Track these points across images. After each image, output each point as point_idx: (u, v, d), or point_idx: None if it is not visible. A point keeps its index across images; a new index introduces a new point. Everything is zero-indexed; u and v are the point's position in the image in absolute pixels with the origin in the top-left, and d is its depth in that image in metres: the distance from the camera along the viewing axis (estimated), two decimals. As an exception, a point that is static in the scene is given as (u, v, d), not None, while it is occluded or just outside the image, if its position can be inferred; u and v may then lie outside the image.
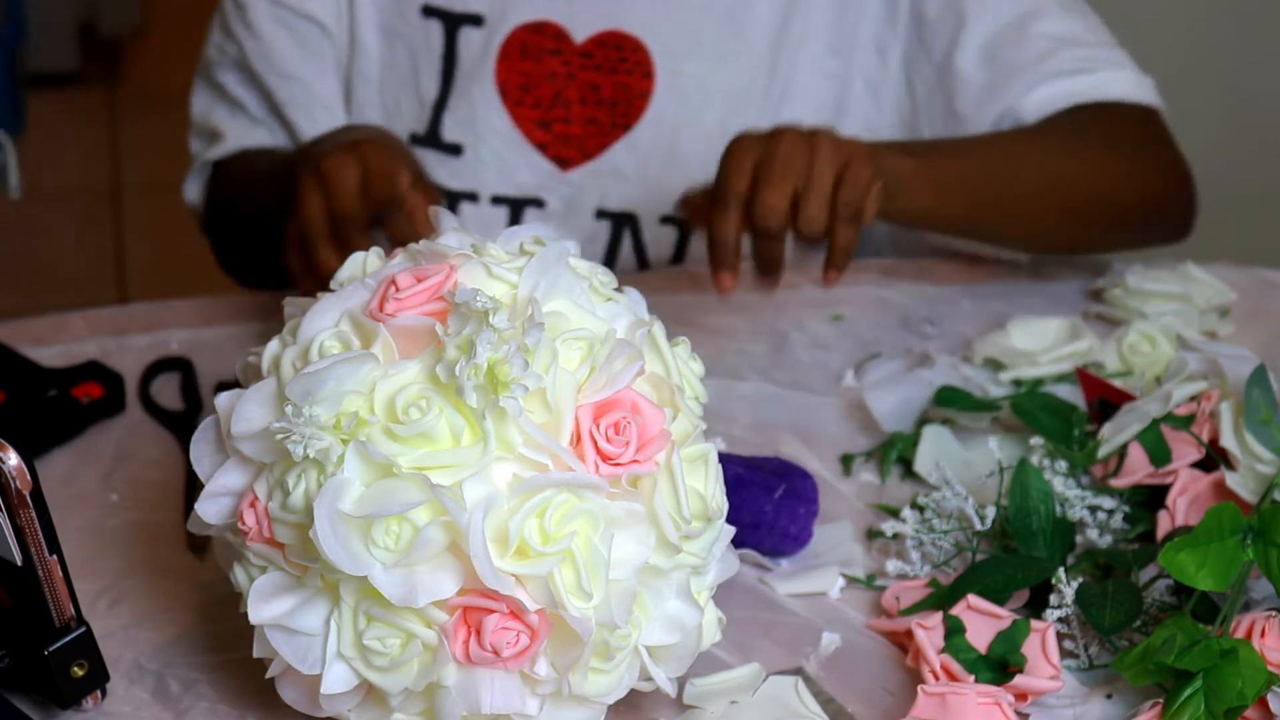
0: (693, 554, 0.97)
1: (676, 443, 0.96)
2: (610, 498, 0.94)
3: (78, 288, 3.07)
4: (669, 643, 0.98)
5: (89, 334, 1.40)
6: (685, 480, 0.95)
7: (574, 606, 0.93)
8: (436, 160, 1.52)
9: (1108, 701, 1.05)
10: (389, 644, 0.93)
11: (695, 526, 0.97)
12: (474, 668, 0.94)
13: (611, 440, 0.94)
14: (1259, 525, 1.03)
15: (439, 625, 0.93)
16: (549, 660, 0.95)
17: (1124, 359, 1.33)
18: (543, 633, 0.93)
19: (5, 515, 0.98)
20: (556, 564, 0.92)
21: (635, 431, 0.95)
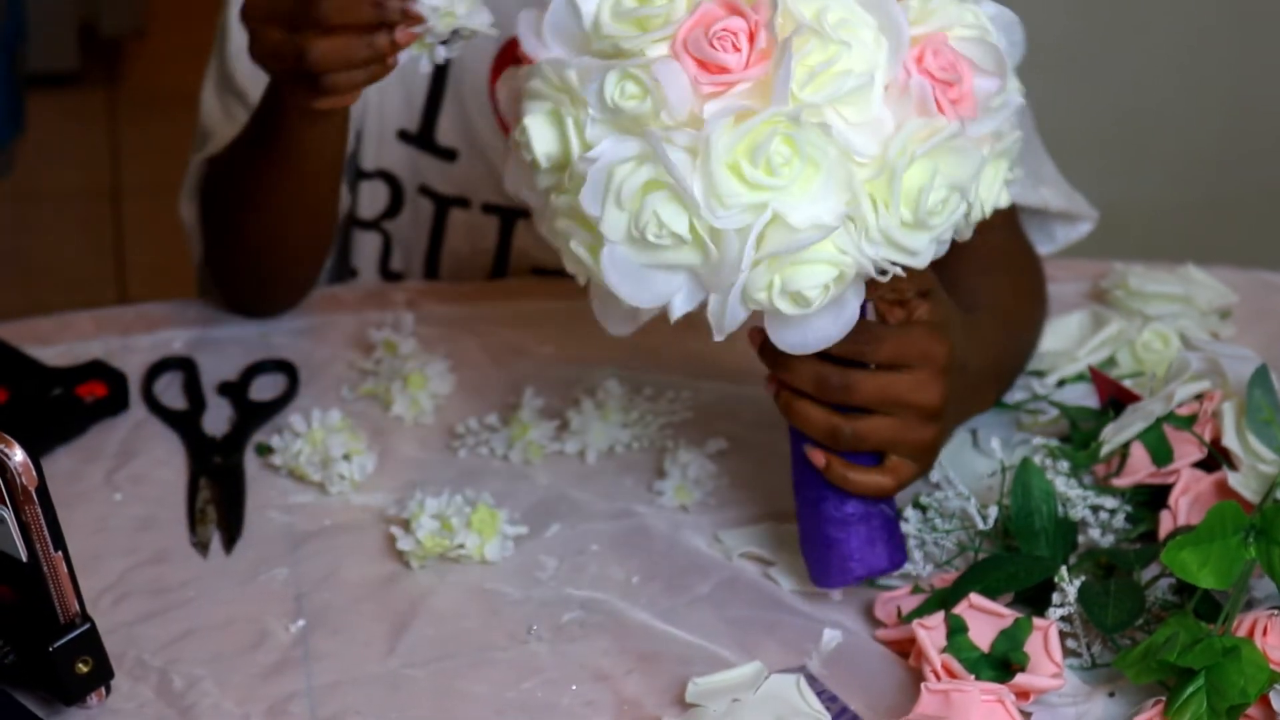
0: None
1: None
2: None
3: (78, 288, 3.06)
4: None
5: (93, 334, 1.40)
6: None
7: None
8: (430, 163, 1.51)
9: (1110, 700, 1.05)
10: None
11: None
12: None
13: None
14: (1261, 524, 1.03)
15: None
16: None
17: (1137, 358, 1.34)
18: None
19: (10, 511, 0.98)
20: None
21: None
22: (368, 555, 1.19)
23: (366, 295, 1.47)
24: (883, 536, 1.11)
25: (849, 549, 1.11)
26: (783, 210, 0.98)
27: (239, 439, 1.29)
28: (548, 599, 1.15)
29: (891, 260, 1.01)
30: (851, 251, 1.00)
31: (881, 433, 1.10)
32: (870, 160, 0.99)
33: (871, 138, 1.00)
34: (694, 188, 0.98)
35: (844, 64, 0.99)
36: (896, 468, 1.11)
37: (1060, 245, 1.46)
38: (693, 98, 0.98)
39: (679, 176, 0.97)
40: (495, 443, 1.28)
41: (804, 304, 1.01)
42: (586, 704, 1.07)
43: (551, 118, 1.02)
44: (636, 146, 0.99)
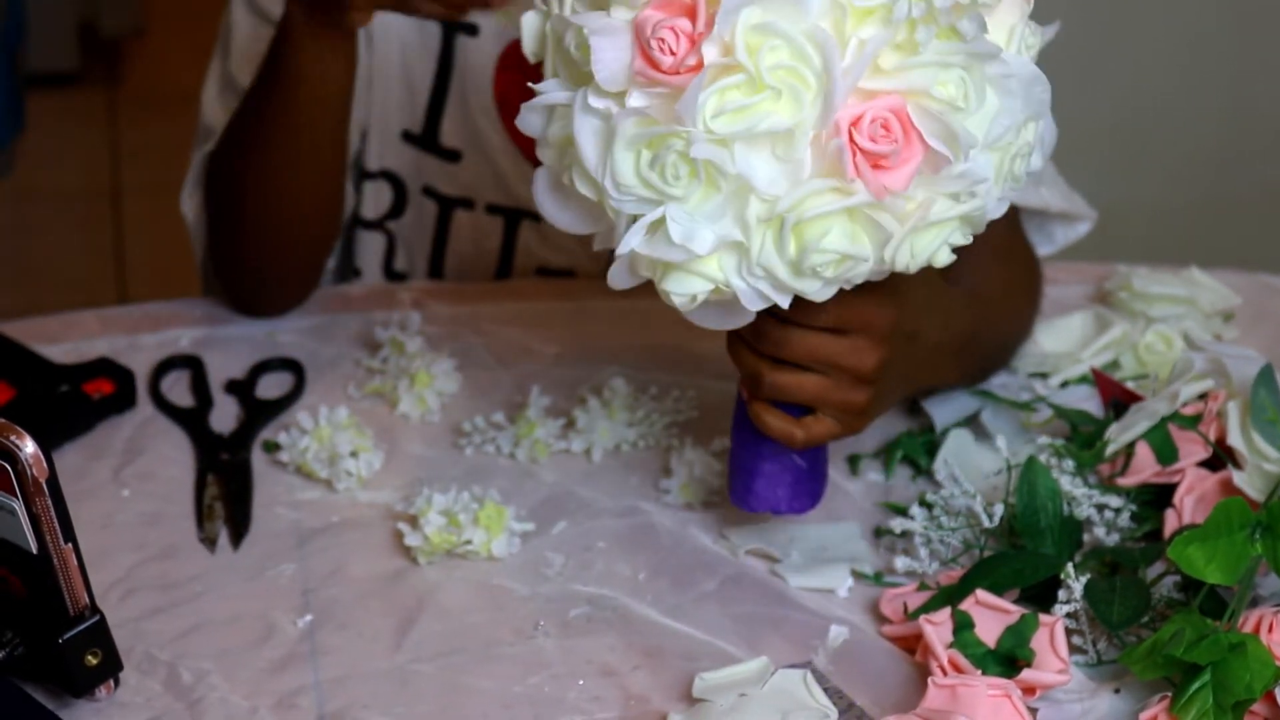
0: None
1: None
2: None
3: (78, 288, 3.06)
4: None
5: (99, 332, 1.41)
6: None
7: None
8: (434, 164, 1.52)
9: (1116, 696, 1.06)
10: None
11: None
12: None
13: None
14: (1267, 520, 1.04)
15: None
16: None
17: (1140, 360, 1.35)
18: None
19: (21, 503, 0.98)
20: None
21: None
22: (375, 551, 1.19)
23: (372, 295, 1.47)
24: (787, 481, 1.13)
25: (755, 481, 1.14)
26: (672, 216, 0.98)
27: (246, 436, 1.29)
28: (554, 595, 1.16)
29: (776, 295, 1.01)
30: (730, 276, 1.00)
31: (805, 390, 1.10)
32: (770, 197, 0.97)
33: (785, 178, 0.97)
34: (592, 158, 0.98)
35: (767, 107, 0.96)
36: (812, 424, 1.11)
37: (1059, 246, 1.47)
38: (627, 73, 0.97)
39: (583, 151, 0.98)
40: (502, 441, 1.29)
41: (672, 303, 1.01)
42: (593, 699, 1.08)
43: (543, 18, 1.03)
44: (568, 98, 0.99)
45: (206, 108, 1.48)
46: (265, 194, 1.35)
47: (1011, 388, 1.33)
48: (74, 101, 3.73)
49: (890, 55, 0.96)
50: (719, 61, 0.95)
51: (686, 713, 1.05)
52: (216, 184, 1.40)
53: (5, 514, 0.99)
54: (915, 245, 1.00)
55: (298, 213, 1.37)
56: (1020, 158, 1.02)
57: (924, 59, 0.96)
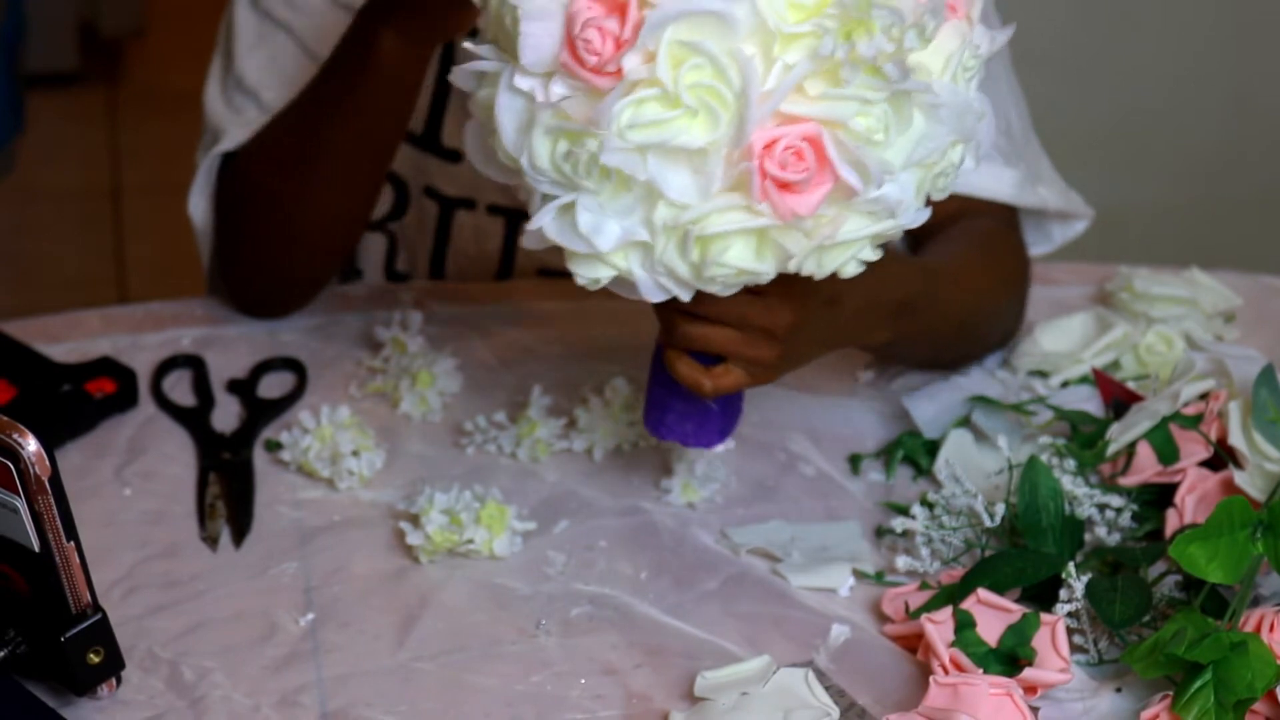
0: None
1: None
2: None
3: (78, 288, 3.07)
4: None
5: (101, 331, 1.41)
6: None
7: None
8: (435, 165, 1.52)
9: (1117, 695, 1.06)
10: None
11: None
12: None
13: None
14: (1269, 520, 1.04)
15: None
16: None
17: (1141, 360, 1.35)
18: None
19: (23, 501, 0.99)
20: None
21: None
22: (377, 550, 1.20)
23: (374, 294, 1.48)
24: (695, 418, 1.15)
25: (667, 415, 1.16)
26: (582, 205, 0.99)
27: (248, 435, 1.29)
28: (556, 594, 1.16)
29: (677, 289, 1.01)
30: (634, 268, 1.00)
31: (714, 342, 1.11)
32: (678, 205, 0.98)
33: (696, 189, 0.97)
34: (510, 138, 0.99)
35: (683, 123, 0.96)
36: (721, 375, 1.12)
37: (1057, 244, 1.47)
38: (553, 58, 0.97)
39: (502, 129, 0.98)
40: (503, 440, 1.29)
41: (576, 281, 1.02)
42: (595, 698, 1.08)
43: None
44: (495, 67, 0.99)
45: (210, 108, 1.47)
46: (304, 206, 1.35)
47: (1011, 387, 1.33)
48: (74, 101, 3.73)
49: (816, 81, 0.96)
50: (639, 75, 0.95)
51: (688, 711, 1.05)
52: (241, 190, 1.40)
53: (8, 512, 0.99)
54: (823, 259, 1.01)
55: (333, 224, 1.37)
56: (944, 175, 1.02)
57: (847, 92, 0.96)
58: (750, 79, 0.94)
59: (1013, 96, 1.46)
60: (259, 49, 1.45)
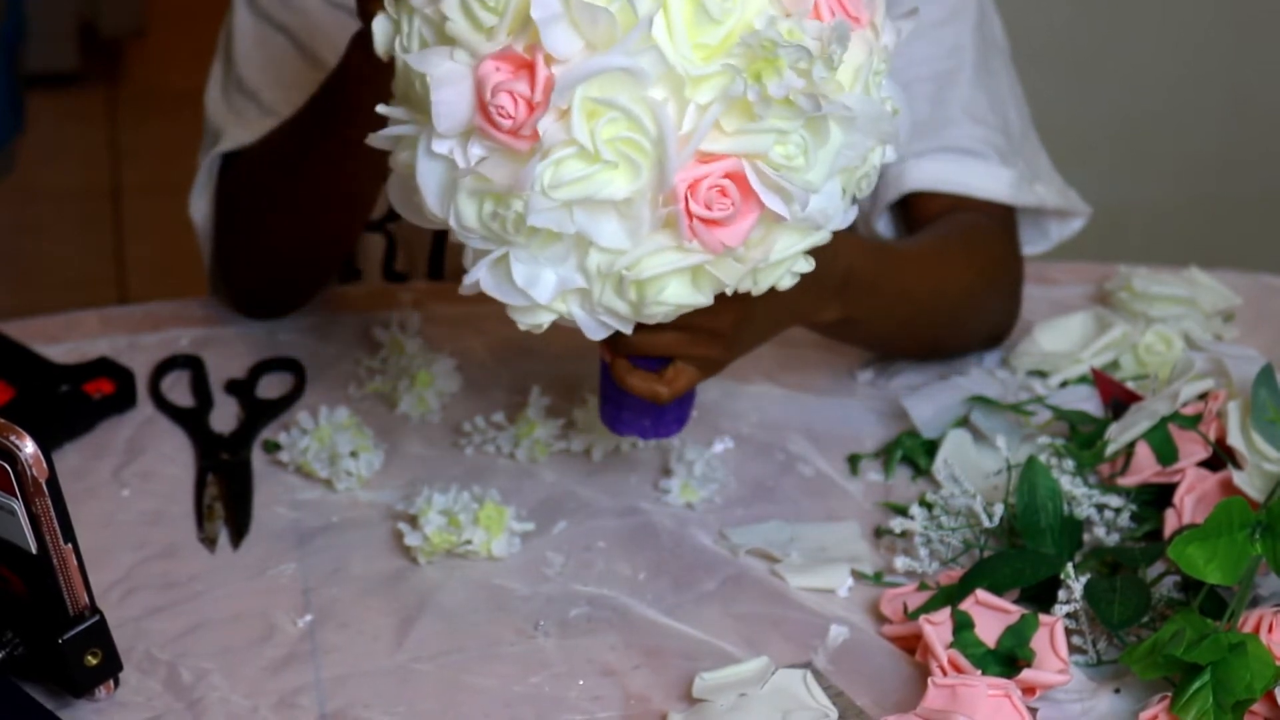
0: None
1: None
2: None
3: (78, 288, 3.07)
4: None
5: (100, 332, 1.41)
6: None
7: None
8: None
9: (1116, 696, 1.06)
10: None
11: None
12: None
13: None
14: (1267, 520, 1.04)
15: None
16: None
17: (1140, 360, 1.35)
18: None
19: (21, 503, 0.98)
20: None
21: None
22: (375, 551, 1.20)
23: (373, 295, 1.48)
24: (653, 412, 1.16)
25: (623, 411, 1.16)
26: (513, 258, 0.99)
27: (246, 436, 1.29)
28: (555, 595, 1.16)
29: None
30: (573, 309, 1.01)
31: (661, 346, 1.11)
32: (611, 251, 0.98)
33: (625, 233, 0.97)
34: (434, 202, 0.98)
35: (605, 176, 0.96)
36: (675, 379, 1.13)
37: (1054, 242, 1.47)
38: (467, 121, 0.96)
39: (425, 193, 0.98)
40: (502, 440, 1.29)
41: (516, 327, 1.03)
42: (593, 699, 1.08)
43: (393, 28, 1.01)
44: (413, 130, 0.99)
45: (211, 110, 1.48)
46: (297, 213, 1.35)
47: (1010, 387, 1.33)
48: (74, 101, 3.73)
49: (730, 117, 0.96)
50: (556, 136, 0.94)
51: (687, 712, 1.05)
52: (240, 192, 1.40)
53: (5, 514, 0.99)
54: (758, 279, 1.02)
55: (326, 231, 1.37)
56: (866, 176, 1.03)
57: (762, 126, 0.96)
58: (666, 126, 0.94)
59: (1012, 94, 1.46)
60: (258, 51, 1.45)
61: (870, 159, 1.02)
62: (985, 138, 1.39)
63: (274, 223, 1.37)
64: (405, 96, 1.00)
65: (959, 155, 1.38)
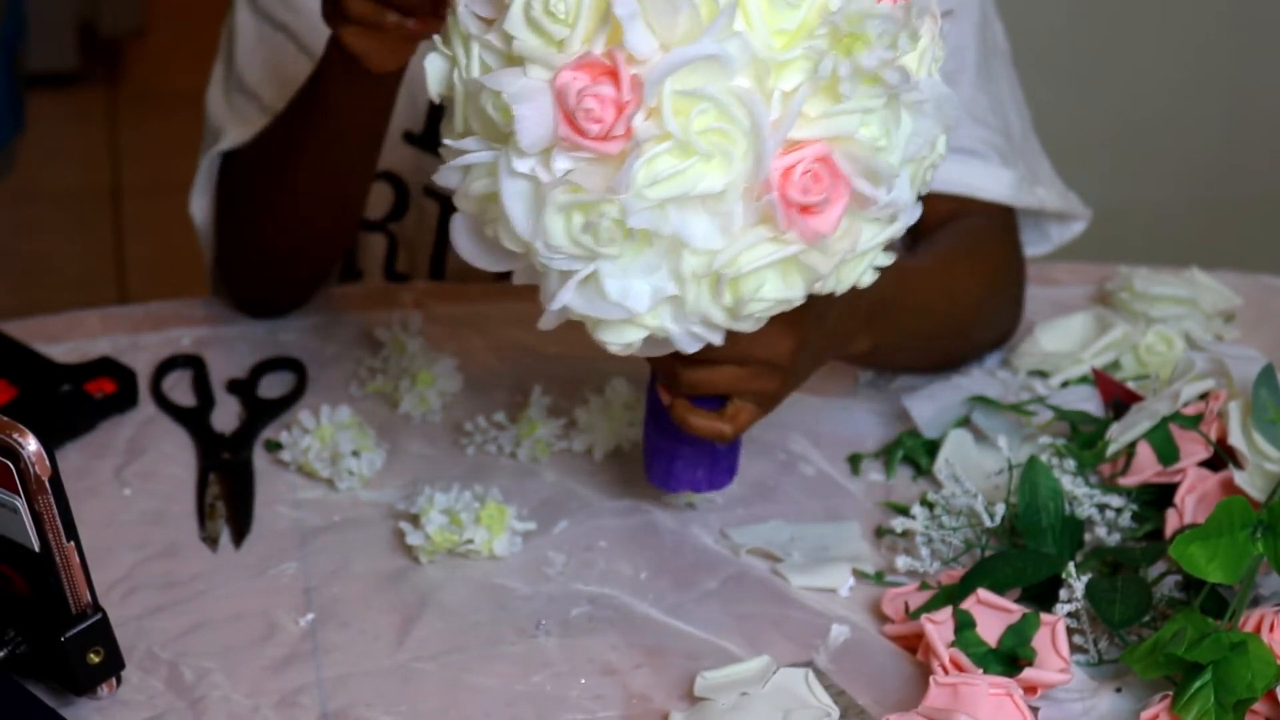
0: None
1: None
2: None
3: (78, 288, 3.07)
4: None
5: (101, 332, 1.41)
6: None
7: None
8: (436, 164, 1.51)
9: (1117, 695, 1.06)
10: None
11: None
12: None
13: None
14: (1268, 520, 1.04)
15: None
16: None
17: (1141, 360, 1.35)
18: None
19: (23, 501, 0.99)
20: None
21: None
22: (377, 550, 1.20)
23: (374, 295, 1.48)
24: (706, 463, 1.15)
25: (675, 464, 1.15)
26: (604, 273, 0.98)
27: (248, 435, 1.29)
28: (556, 594, 1.16)
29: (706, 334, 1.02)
30: (666, 324, 1.00)
31: (722, 382, 1.11)
32: (705, 252, 0.97)
33: (717, 230, 0.97)
34: (521, 223, 0.97)
35: (699, 169, 0.95)
36: (736, 414, 1.12)
37: (1055, 245, 1.47)
38: (551, 135, 0.96)
39: (511, 215, 0.97)
40: (503, 440, 1.29)
41: (607, 349, 1.01)
42: (595, 698, 1.08)
43: (449, 64, 1.01)
44: (490, 157, 0.98)
45: (212, 109, 1.48)
46: (288, 209, 1.35)
47: (1011, 387, 1.33)
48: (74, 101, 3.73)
49: (815, 101, 0.96)
50: (649, 132, 0.94)
51: (688, 712, 1.05)
52: (234, 197, 1.40)
53: (8, 512, 1.00)
54: (842, 275, 1.02)
55: (319, 227, 1.37)
56: (931, 166, 1.03)
57: (848, 106, 0.96)
58: (758, 113, 0.94)
59: (1012, 97, 1.46)
60: (258, 50, 1.46)
61: (937, 147, 1.02)
62: (986, 139, 1.40)
63: (267, 221, 1.38)
64: (473, 125, 0.99)
65: (960, 155, 1.39)
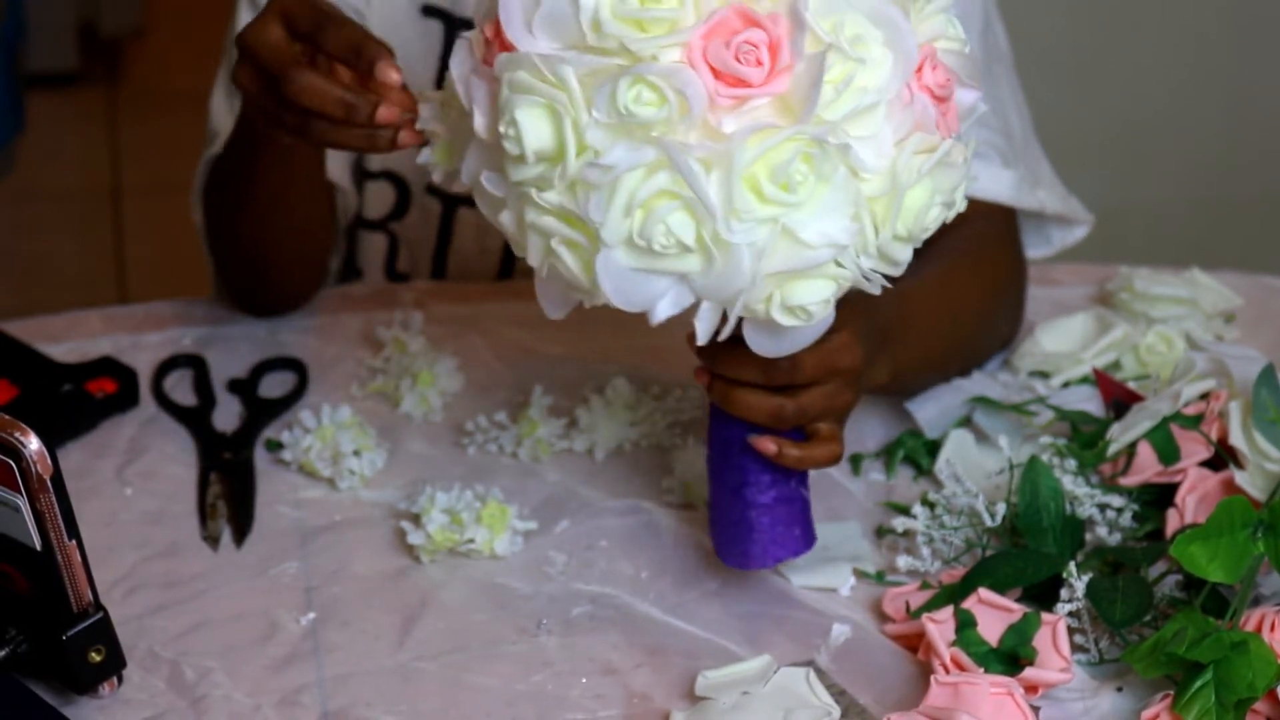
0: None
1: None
2: None
3: (78, 288, 3.06)
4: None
5: (102, 331, 1.41)
6: None
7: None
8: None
9: (1118, 695, 1.06)
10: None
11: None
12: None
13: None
14: (1269, 519, 1.04)
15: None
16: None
17: (1141, 360, 1.35)
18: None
19: (25, 499, 0.99)
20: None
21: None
22: (378, 550, 1.20)
23: (375, 294, 1.48)
24: (801, 521, 1.13)
25: (769, 534, 1.12)
26: (794, 226, 0.98)
27: (249, 435, 1.29)
28: (557, 594, 1.16)
29: (878, 271, 1.02)
30: (850, 266, 1.00)
31: (820, 400, 1.11)
32: (873, 176, 0.99)
33: (874, 153, 0.99)
34: (712, 200, 0.97)
35: (860, 81, 0.98)
36: (833, 434, 1.12)
37: (1056, 248, 1.47)
38: (707, 109, 0.97)
39: (700, 191, 0.97)
40: (504, 440, 1.29)
41: (805, 317, 1.01)
42: (596, 697, 1.08)
43: (548, 114, 0.99)
44: (651, 154, 0.98)
45: (214, 111, 1.48)
46: (249, 233, 1.36)
47: (1012, 388, 1.33)
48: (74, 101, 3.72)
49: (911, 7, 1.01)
50: (815, 51, 0.96)
51: (689, 711, 1.05)
52: (210, 209, 1.41)
53: (9, 510, 1.00)
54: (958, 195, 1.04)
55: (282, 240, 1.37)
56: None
57: (939, 5, 1.02)
58: (898, 16, 0.99)
59: (1013, 99, 1.46)
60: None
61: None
62: (987, 140, 1.40)
63: (239, 232, 1.38)
64: (603, 142, 0.98)
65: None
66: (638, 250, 0.99)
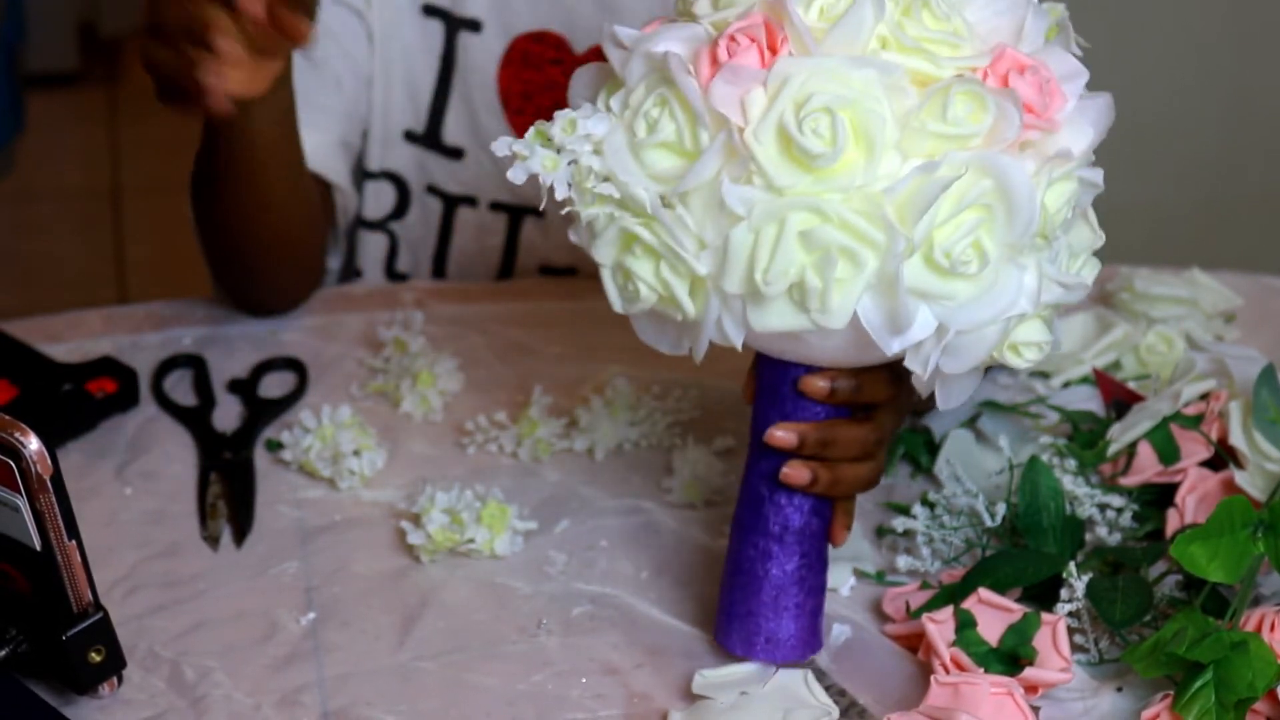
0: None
1: None
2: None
3: (78, 287, 3.07)
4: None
5: (102, 331, 1.41)
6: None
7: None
8: (437, 163, 1.52)
9: (1118, 695, 1.06)
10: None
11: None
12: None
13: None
14: (1269, 519, 1.04)
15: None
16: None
17: (1142, 360, 1.35)
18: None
19: (25, 500, 0.99)
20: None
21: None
22: (378, 550, 1.20)
23: (375, 294, 1.48)
24: (813, 600, 1.08)
25: (800, 618, 1.07)
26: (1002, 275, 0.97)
27: (249, 435, 1.29)
28: (557, 593, 1.16)
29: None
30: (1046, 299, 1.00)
31: (872, 437, 1.07)
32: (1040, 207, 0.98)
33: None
34: (1035, 214, 0.96)
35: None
36: (871, 465, 1.08)
37: None
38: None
39: (1026, 203, 0.95)
40: (504, 440, 1.29)
41: (1033, 351, 1.00)
42: (596, 697, 1.08)
43: (678, 158, 0.97)
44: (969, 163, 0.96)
45: None
46: (230, 227, 1.36)
47: (1012, 388, 1.33)
48: (74, 101, 3.73)
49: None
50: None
51: (688, 711, 1.05)
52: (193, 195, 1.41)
53: (9, 510, 1.00)
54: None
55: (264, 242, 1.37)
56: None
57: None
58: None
59: None
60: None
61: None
62: None
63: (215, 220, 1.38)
64: (769, 172, 0.95)
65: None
66: (931, 266, 0.95)
